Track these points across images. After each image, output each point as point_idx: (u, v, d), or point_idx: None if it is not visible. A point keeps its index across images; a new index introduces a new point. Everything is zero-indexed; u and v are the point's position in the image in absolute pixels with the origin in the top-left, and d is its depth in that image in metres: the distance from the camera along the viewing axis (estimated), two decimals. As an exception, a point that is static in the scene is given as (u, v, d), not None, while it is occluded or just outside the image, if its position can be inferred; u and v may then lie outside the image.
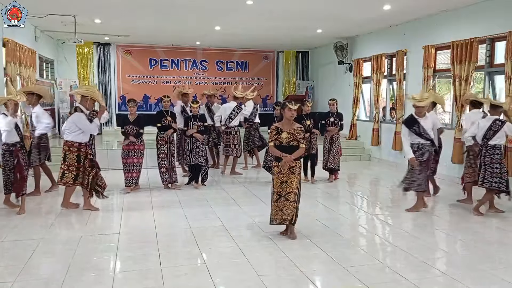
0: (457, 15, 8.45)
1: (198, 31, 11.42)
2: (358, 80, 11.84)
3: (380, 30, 10.97)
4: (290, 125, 4.98)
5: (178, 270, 4.20)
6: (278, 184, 4.94)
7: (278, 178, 4.95)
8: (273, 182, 5.01)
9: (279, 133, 4.95)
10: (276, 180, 4.97)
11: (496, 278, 4.08)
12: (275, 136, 4.95)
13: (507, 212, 6.41)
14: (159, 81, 14.44)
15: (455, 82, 8.22)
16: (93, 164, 6.19)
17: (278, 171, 4.93)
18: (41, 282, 3.97)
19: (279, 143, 4.94)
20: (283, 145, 4.93)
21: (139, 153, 7.42)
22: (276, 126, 5.02)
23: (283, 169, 4.89)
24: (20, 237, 5.29)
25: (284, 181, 4.92)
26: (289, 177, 4.91)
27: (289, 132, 4.93)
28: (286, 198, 4.90)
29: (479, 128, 6.09)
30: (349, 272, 4.14)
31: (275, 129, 4.99)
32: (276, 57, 15.50)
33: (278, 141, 4.93)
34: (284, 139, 4.92)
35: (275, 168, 4.98)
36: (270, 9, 8.70)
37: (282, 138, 4.92)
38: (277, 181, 4.96)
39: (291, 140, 4.92)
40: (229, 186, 8.11)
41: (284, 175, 4.92)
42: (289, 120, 4.97)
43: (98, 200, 6.99)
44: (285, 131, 4.93)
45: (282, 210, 4.93)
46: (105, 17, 9.74)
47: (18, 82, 8.47)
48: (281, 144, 4.93)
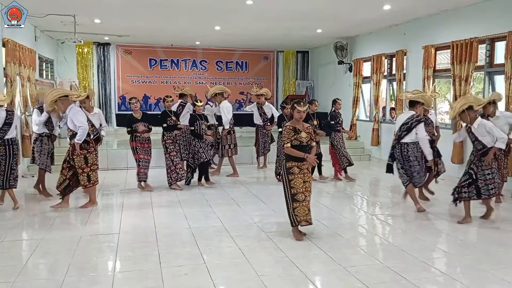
0: (457, 15, 8.45)
1: (198, 31, 11.41)
2: (358, 80, 11.84)
3: (380, 30, 10.97)
4: (301, 125, 4.96)
5: (178, 270, 4.20)
6: (301, 184, 4.88)
7: (300, 178, 4.88)
8: (293, 183, 4.88)
9: (298, 133, 4.88)
10: (297, 180, 4.88)
11: (496, 278, 4.08)
12: (294, 136, 4.86)
13: (507, 212, 6.41)
14: (158, 81, 14.43)
15: (455, 82, 8.22)
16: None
17: (299, 171, 4.88)
18: (41, 282, 3.97)
19: (299, 143, 4.86)
20: (303, 144, 4.87)
21: (149, 151, 7.56)
22: (292, 126, 4.92)
23: (306, 167, 4.89)
24: (20, 237, 5.30)
25: (306, 181, 4.91)
26: (308, 177, 4.94)
27: (307, 132, 4.92)
28: (308, 199, 4.91)
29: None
30: (349, 272, 4.14)
31: (292, 129, 4.89)
32: (276, 57, 15.50)
33: (298, 141, 4.85)
34: (304, 139, 4.87)
35: (295, 168, 4.88)
36: (270, 9, 8.70)
37: (302, 138, 4.87)
38: (299, 181, 4.88)
39: (309, 140, 4.92)
40: (229, 186, 8.11)
41: (305, 175, 4.90)
42: (297, 120, 4.94)
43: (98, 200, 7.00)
44: (303, 131, 4.89)
45: (310, 210, 4.93)
46: (105, 17, 9.73)
47: (18, 82, 8.46)
48: (301, 143, 4.87)
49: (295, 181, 4.88)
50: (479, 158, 5.61)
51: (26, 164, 9.00)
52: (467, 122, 5.65)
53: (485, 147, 5.56)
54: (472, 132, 5.65)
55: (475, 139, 5.64)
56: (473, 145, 5.72)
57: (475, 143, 5.67)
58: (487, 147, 5.55)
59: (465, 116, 5.58)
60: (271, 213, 6.28)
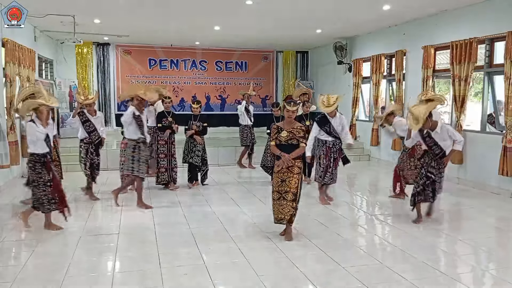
0: (456, 15, 8.45)
1: (198, 31, 11.41)
2: (358, 80, 11.85)
3: (379, 30, 10.97)
4: (290, 124, 5.04)
5: (178, 270, 4.20)
6: (279, 183, 4.99)
7: (277, 177, 5.01)
8: (273, 181, 5.12)
9: (279, 131, 5.01)
10: (276, 179, 5.04)
11: (496, 278, 4.08)
12: (276, 135, 5.01)
13: (506, 213, 6.42)
14: (158, 81, 14.40)
15: (455, 82, 8.22)
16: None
17: (278, 169, 4.98)
18: (41, 282, 3.96)
19: (279, 142, 4.99)
20: (282, 143, 4.98)
21: None
22: (277, 125, 5.12)
23: (281, 167, 4.94)
24: (20, 237, 5.30)
25: (284, 180, 4.97)
26: (287, 176, 4.95)
27: (289, 131, 4.98)
28: (284, 197, 4.94)
29: None
30: (349, 272, 4.14)
31: (276, 128, 5.07)
32: (275, 57, 15.49)
33: (278, 140, 4.99)
34: (283, 138, 4.97)
35: (275, 167, 5.04)
36: (270, 9, 8.70)
37: (282, 136, 4.98)
38: (276, 180, 5.02)
39: (290, 139, 4.97)
40: (229, 186, 8.11)
41: (283, 174, 4.96)
42: (288, 120, 5.04)
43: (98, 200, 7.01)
44: (285, 130, 4.99)
45: (280, 209, 4.97)
46: (104, 17, 9.73)
47: (17, 82, 8.45)
48: (281, 142, 4.98)
49: (274, 179, 5.05)
50: (439, 162, 5.56)
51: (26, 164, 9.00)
52: (429, 127, 5.52)
53: (443, 151, 5.53)
54: (431, 137, 5.55)
55: (434, 143, 5.54)
56: (430, 150, 5.58)
57: (433, 147, 5.55)
58: (444, 151, 5.52)
59: (427, 123, 5.46)
60: (270, 213, 6.25)
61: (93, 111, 7.01)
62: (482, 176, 7.83)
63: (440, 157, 5.56)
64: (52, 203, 5.31)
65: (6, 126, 7.78)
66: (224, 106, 15.05)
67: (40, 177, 5.22)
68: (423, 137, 5.62)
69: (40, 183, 5.23)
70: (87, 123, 6.90)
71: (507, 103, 7.12)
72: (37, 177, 5.22)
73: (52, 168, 5.35)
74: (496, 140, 7.44)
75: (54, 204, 5.32)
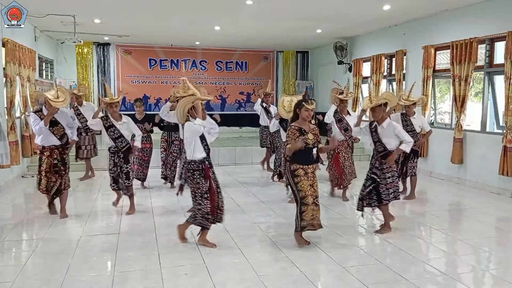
0: (456, 15, 8.45)
1: (198, 31, 11.41)
2: (358, 80, 11.85)
3: (379, 30, 10.97)
4: (307, 125, 4.72)
5: (178, 270, 4.20)
6: (309, 187, 4.65)
7: (305, 180, 4.63)
8: (299, 186, 4.64)
9: (304, 134, 4.63)
10: (304, 182, 4.63)
11: (496, 278, 4.08)
12: (297, 137, 4.59)
13: (506, 213, 6.42)
14: (158, 81, 14.43)
15: (455, 82, 8.22)
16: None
17: (304, 173, 4.64)
18: (41, 282, 3.96)
19: (306, 145, 4.58)
20: (309, 147, 4.61)
21: (147, 151, 7.69)
22: (297, 126, 4.68)
23: (311, 170, 4.68)
24: (20, 237, 5.30)
25: (311, 185, 4.67)
26: (314, 180, 4.70)
27: (313, 133, 4.67)
28: (316, 202, 4.71)
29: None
30: (349, 272, 4.14)
31: (298, 130, 4.65)
32: (275, 57, 15.49)
33: (305, 143, 4.58)
34: (310, 141, 4.62)
35: (299, 171, 4.64)
36: (270, 9, 8.70)
37: (309, 139, 4.62)
38: (306, 183, 4.64)
39: (315, 141, 4.67)
40: (229, 186, 8.10)
41: (310, 178, 4.66)
42: (305, 120, 4.70)
43: (98, 200, 7.01)
44: (309, 132, 4.65)
45: (315, 214, 4.69)
46: (104, 17, 9.73)
47: (18, 82, 8.46)
48: (307, 146, 4.59)
49: (302, 183, 4.63)
50: (381, 162, 5.26)
51: (26, 164, 9.01)
52: (377, 118, 5.29)
53: (386, 150, 5.24)
54: (377, 132, 5.31)
55: (378, 140, 5.29)
56: (374, 146, 5.35)
57: (376, 144, 5.31)
58: (387, 150, 5.24)
59: (379, 112, 5.21)
60: (271, 213, 6.29)
61: (117, 115, 6.12)
62: (482, 176, 7.83)
63: (382, 156, 5.26)
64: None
65: (6, 126, 7.78)
66: (224, 106, 15.04)
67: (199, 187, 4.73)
68: (371, 131, 5.39)
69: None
70: (111, 129, 6.05)
71: (507, 104, 7.12)
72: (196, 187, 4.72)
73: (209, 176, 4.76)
74: (496, 140, 7.45)
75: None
